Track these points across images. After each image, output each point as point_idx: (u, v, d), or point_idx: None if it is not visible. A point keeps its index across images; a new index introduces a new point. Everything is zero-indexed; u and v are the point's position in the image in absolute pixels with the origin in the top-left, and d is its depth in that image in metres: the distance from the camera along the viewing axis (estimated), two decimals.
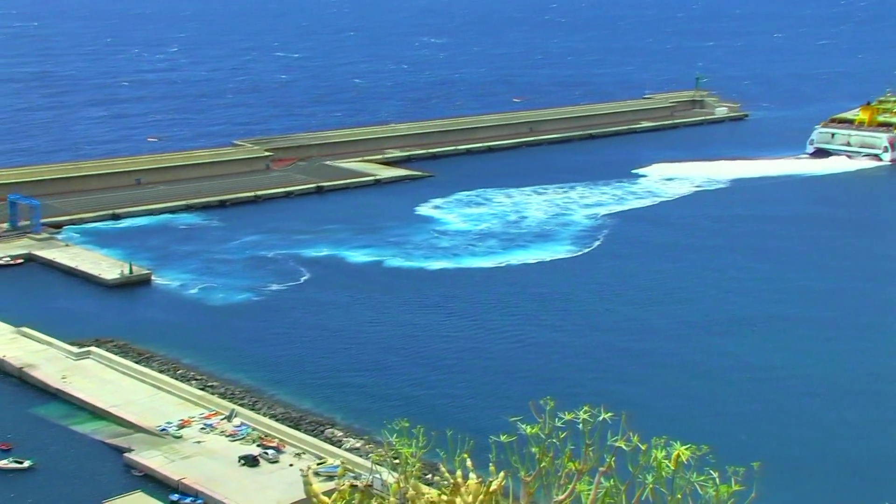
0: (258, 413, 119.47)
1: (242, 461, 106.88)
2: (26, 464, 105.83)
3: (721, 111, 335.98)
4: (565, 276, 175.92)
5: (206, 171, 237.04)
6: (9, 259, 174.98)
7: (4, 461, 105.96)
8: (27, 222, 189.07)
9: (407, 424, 26.33)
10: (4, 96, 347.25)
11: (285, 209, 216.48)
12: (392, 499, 24.21)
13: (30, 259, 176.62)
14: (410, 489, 23.45)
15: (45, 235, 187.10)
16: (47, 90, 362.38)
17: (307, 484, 22.97)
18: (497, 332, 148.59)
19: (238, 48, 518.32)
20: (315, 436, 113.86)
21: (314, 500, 22.61)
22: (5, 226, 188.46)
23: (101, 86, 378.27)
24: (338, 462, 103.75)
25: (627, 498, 23.49)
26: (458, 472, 24.80)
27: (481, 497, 23.80)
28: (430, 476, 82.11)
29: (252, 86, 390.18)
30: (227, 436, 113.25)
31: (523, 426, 24.76)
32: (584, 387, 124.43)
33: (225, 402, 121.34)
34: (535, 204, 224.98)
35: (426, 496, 23.32)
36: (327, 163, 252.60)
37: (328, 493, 23.84)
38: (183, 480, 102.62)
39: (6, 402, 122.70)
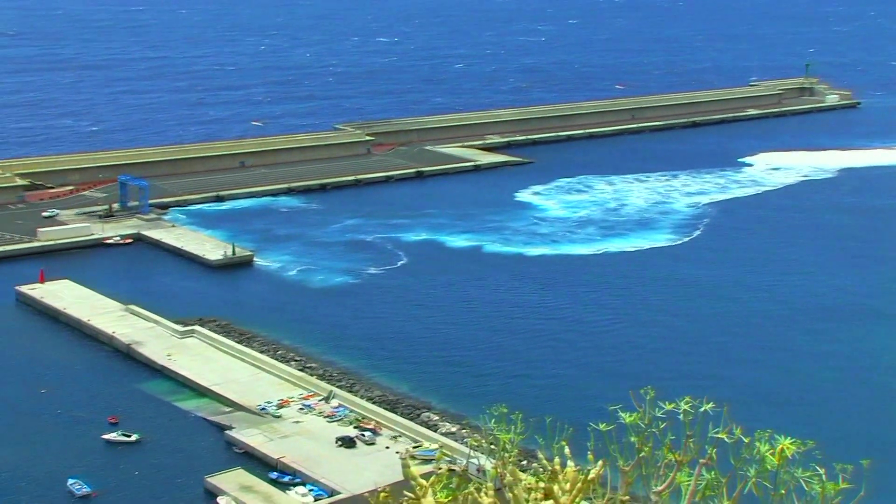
0: (356, 395, 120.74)
1: (340, 442, 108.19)
2: (133, 437, 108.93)
3: (832, 99, 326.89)
4: (664, 264, 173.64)
5: (307, 155, 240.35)
6: (119, 238, 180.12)
7: (113, 434, 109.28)
8: (136, 203, 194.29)
9: (505, 410, 26.28)
10: (111, 81, 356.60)
11: (385, 193, 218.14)
12: (489, 484, 24.16)
13: (138, 239, 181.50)
14: (508, 475, 23.36)
15: (152, 216, 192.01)
16: (151, 74, 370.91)
17: (406, 466, 23.02)
18: (595, 320, 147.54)
19: (339, 32, 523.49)
20: (411, 419, 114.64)
21: (413, 482, 22.67)
22: (116, 206, 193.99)
23: (205, 70, 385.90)
24: (433, 446, 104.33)
25: (729, 491, 23.04)
26: (556, 460, 24.61)
27: (579, 485, 23.57)
28: (525, 462, 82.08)
29: (353, 70, 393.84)
30: (325, 417, 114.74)
31: (622, 415, 24.47)
32: (684, 375, 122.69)
33: (323, 384, 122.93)
34: (636, 191, 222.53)
35: (524, 482, 23.20)
36: (427, 148, 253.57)
37: (426, 477, 23.90)
38: (282, 459, 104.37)
39: (114, 377, 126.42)
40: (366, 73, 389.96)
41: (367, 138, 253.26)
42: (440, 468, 24.19)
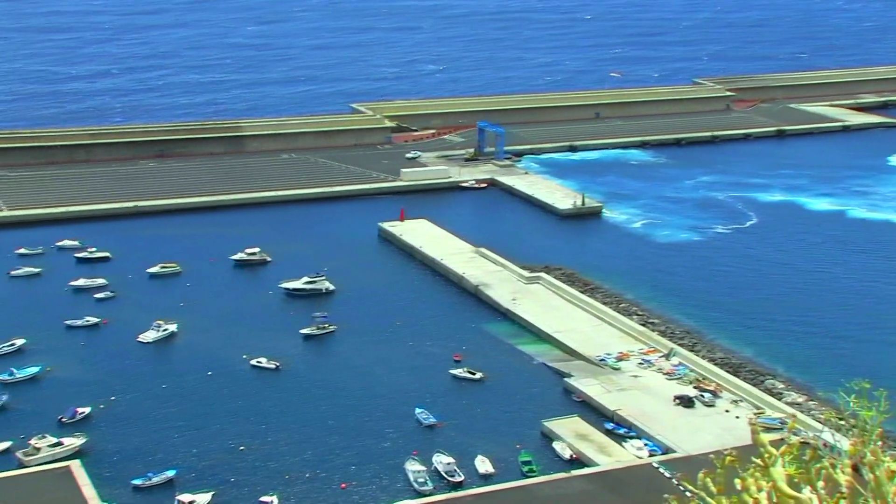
0: (697, 355, 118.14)
1: (678, 401, 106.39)
2: (477, 375, 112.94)
3: None
4: None
5: (663, 109, 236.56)
6: (474, 183, 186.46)
7: (459, 370, 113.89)
8: (492, 149, 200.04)
9: (868, 386, 24.32)
10: (467, 29, 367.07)
11: (742, 151, 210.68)
12: (846, 461, 22.37)
13: (492, 184, 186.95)
14: (869, 454, 21.48)
15: (506, 162, 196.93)
16: (501, 24, 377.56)
17: (756, 432, 21.78)
18: None
19: None
20: (754, 385, 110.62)
21: (761, 449, 21.40)
22: (472, 151, 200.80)
23: (559, 19, 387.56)
24: (776, 414, 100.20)
25: None
26: None
27: None
28: (880, 444, 76.85)
29: (716, 22, 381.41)
30: (664, 374, 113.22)
31: None
32: None
33: (664, 341, 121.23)
34: None
35: (886, 464, 21.23)
36: (792, 106, 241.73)
37: (775, 445, 22.51)
38: (618, 411, 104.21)
39: (462, 317, 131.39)
40: (728, 25, 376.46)
41: (728, 94, 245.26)
42: (790, 438, 22.69)
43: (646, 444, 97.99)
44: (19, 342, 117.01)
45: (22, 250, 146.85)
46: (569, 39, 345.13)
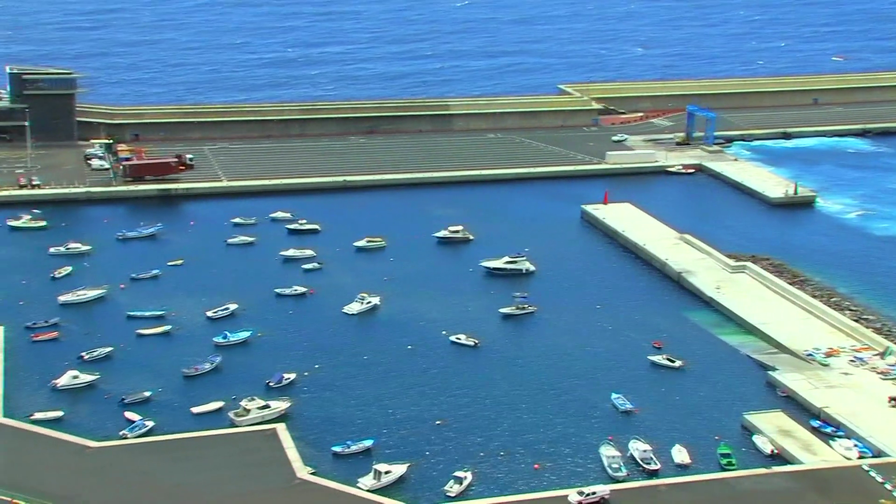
0: None
1: (893, 402, 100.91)
2: (677, 363, 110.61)
3: None
4: None
5: (889, 96, 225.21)
6: (681, 168, 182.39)
7: (659, 357, 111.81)
8: (701, 133, 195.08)
9: None
10: (683, 20, 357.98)
11: None
12: None
13: (699, 169, 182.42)
14: None
15: (715, 148, 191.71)
16: (708, 3, 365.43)
17: None
18: None
19: None
20: None
21: None
22: (683, 135, 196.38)
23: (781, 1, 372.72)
24: None
25: None
26: None
27: None
28: None
29: None
30: (878, 373, 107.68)
31: None
32: None
33: (879, 338, 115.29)
34: None
35: None
36: None
37: None
38: (825, 409, 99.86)
39: (663, 303, 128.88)
40: None
41: None
42: None
43: (856, 445, 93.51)
44: (233, 307, 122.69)
45: (238, 220, 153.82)
46: (784, 22, 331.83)
